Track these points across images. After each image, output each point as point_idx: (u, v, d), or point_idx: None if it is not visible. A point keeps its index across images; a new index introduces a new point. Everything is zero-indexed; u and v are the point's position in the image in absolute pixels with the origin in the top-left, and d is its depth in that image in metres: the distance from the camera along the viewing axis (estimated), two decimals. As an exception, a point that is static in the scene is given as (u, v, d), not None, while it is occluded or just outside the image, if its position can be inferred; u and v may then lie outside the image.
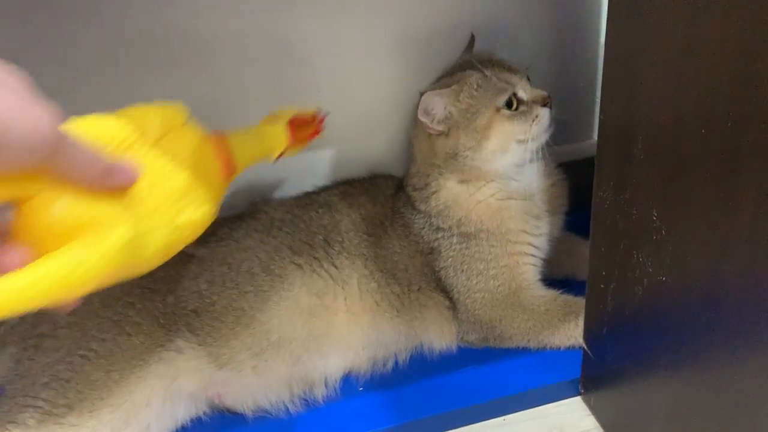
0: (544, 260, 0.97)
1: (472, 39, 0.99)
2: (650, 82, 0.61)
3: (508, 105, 0.90)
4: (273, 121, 0.83)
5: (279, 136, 0.81)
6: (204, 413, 0.87)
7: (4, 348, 0.89)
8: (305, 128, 0.88)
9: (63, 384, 0.79)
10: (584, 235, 0.78)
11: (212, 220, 0.61)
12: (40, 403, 0.78)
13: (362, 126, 1.06)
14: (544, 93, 0.91)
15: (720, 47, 0.52)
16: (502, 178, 0.92)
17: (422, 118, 0.90)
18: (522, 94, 0.91)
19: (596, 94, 1.13)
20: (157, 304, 0.85)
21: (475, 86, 0.90)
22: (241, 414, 0.87)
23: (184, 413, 0.85)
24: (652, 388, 0.74)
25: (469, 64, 0.93)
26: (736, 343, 0.58)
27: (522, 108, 0.90)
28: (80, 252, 0.48)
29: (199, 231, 0.60)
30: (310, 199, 0.98)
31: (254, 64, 0.98)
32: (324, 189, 1.01)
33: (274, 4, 0.94)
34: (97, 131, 0.54)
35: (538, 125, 0.90)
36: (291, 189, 1.03)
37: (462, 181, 0.92)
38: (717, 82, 0.53)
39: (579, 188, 0.94)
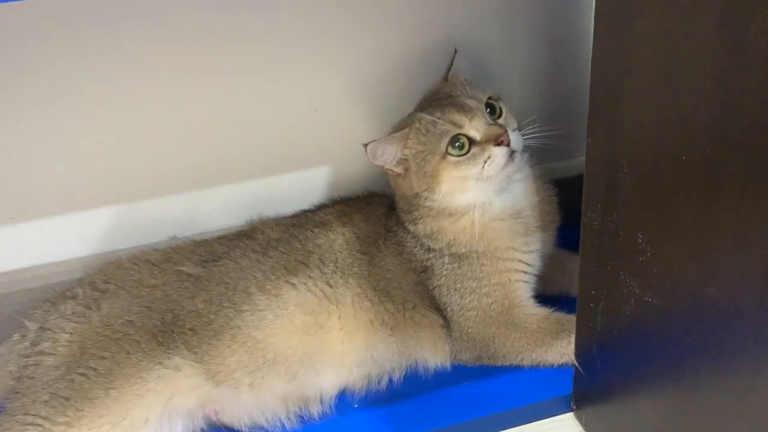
0: (537, 276, 0.98)
1: (455, 54, 0.99)
2: (633, 109, 0.63)
3: (461, 147, 0.88)
4: None
5: None
6: (201, 430, 0.89)
7: (4, 366, 0.90)
8: None
9: (63, 402, 0.80)
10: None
11: None
12: (40, 421, 0.79)
13: (358, 143, 1.08)
14: (498, 130, 0.88)
15: (697, 75, 0.54)
16: (479, 205, 0.90)
17: (376, 162, 0.91)
18: (474, 133, 0.88)
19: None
20: (155, 322, 0.87)
21: (423, 131, 0.90)
22: (238, 431, 0.89)
23: (181, 430, 0.86)
24: (641, 405, 0.75)
25: (427, 102, 0.94)
26: (717, 362, 0.60)
27: (474, 150, 0.88)
28: None
29: None
30: (306, 218, 0.99)
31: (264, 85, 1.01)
32: (320, 207, 1.03)
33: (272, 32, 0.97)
34: None
35: (491, 165, 0.87)
36: (289, 205, 1.05)
37: (437, 215, 0.92)
38: (695, 109, 0.55)
39: (575, 203, 0.90)
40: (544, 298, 0.97)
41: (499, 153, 0.87)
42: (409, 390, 0.92)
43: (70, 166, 0.99)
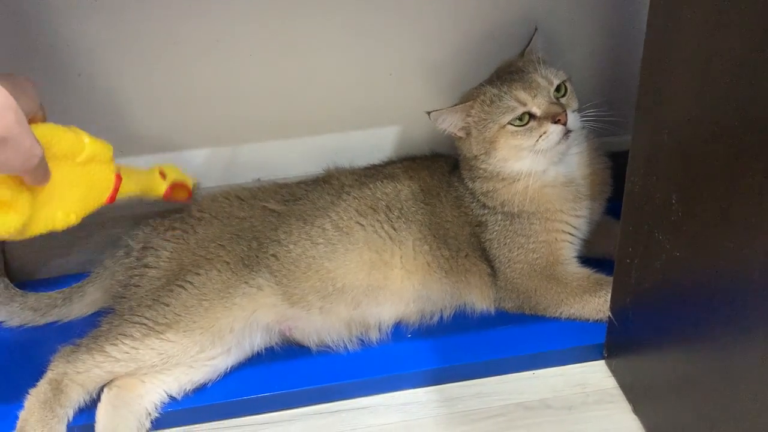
0: (584, 240, 1.05)
1: (535, 31, 1.05)
2: (675, 90, 0.71)
3: (520, 118, 0.95)
4: (158, 174, 1.00)
5: (157, 189, 1.00)
6: (276, 344, 1.01)
7: (113, 275, 1.06)
8: (180, 192, 1.03)
9: (163, 307, 0.94)
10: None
11: (72, 225, 0.83)
12: (145, 321, 0.94)
13: (427, 108, 1.16)
14: (557, 109, 0.94)
15: (728, 63, 0.62)
16: (532, 173, 0.97)
17: (438, 128, 1.00)
18: (535, 110, 0.95)
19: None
20: (243, 247, 0.99)
21: (488, 102, 0.97)
22: (307, 347, 1.01)
23: (259, 342, 0.99)
24: (665, 356, 0.83)
25: (498, 74, 1.02)
26: (734, 315, 0.67)
27: (531, 123, 0.95)
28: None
29: (58, 229, 0.82)
30: (376, 170, 1.10)
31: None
32: (389, 162, 1.13)
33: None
34: (49, 136, 0.76)
35: (545, 140, 0.94)
36: (359, 159, 1.15)
37: (493, 177, 1.00)
38: (726, 92, 0.63)
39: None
40: (589, 260, 1.05)
41: (554, 130, 0.94)
42: (456, 327, 1.02)
43: (172, 111, 1.11)
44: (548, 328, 1.01)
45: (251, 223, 1.02)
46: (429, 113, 0.99)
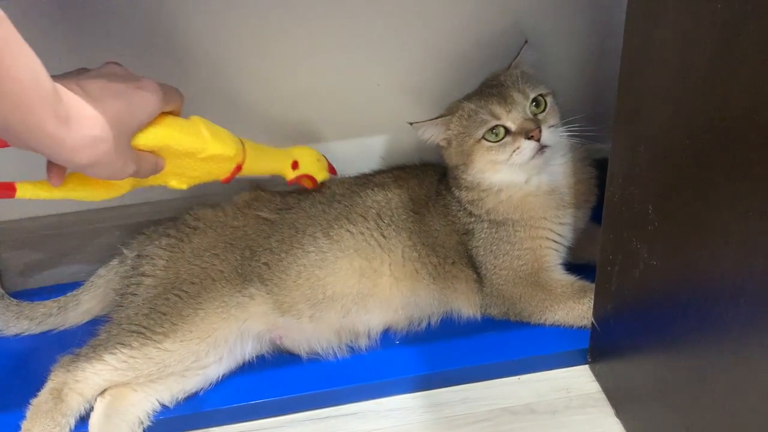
0: (568, 247, 1.07)
1: (524, 44, 1.06)
2: (651, 102, 0.74)
3: (496, 134, 0.97)
4: (290, 163, 1.04)
5: (285, 175, 1.04)
6: (267, 352, 1.03)
7: (108, 284, 1.08)
8: (305, 182, 1.07)
9: (161, 316, 0.96)
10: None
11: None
12: (142, 330, 0.95)
13: (412, 118, 1.18)
14: (531, 125, 0.95)
15: (699, 77, 0.65)
16: (511, 185, 1.00)
17: (422, 137, 1.03)
18: (510, 125, 0.97)
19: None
20: (236, 256, 1.01)
21: (466, 116, 1.00)
22: (297, 355, 1.02)
23: (250, 350, 1.01)
24: (645, 360, 0.86)
25: (480, 88, 1.03)
26: (706, 322, 0.70)
27: (506, 138, 0.97)
28: (99, 191, 0.82)
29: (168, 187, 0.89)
30: (366, 179, 1.12)
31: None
32: (379, 172, 1.16)
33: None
34: (168, 139, 0.81)
35: (518, 155, 0.96)
36: (349, 168, 1.17)
37: (475, 188, 1.02)
38: (698, 105, 0.66)
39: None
40: (574, 266, 1.07)
41: (527, 146, 0.95)
42: (443, 333, 1.05)
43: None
44: (533, 333, 1.03)
45: (245, 232, 1.04)
46: (412, 124, 1.01)
